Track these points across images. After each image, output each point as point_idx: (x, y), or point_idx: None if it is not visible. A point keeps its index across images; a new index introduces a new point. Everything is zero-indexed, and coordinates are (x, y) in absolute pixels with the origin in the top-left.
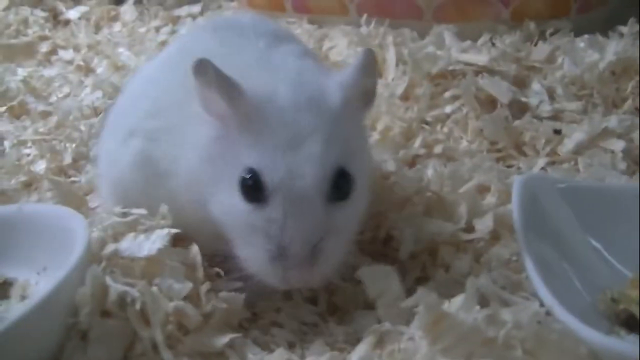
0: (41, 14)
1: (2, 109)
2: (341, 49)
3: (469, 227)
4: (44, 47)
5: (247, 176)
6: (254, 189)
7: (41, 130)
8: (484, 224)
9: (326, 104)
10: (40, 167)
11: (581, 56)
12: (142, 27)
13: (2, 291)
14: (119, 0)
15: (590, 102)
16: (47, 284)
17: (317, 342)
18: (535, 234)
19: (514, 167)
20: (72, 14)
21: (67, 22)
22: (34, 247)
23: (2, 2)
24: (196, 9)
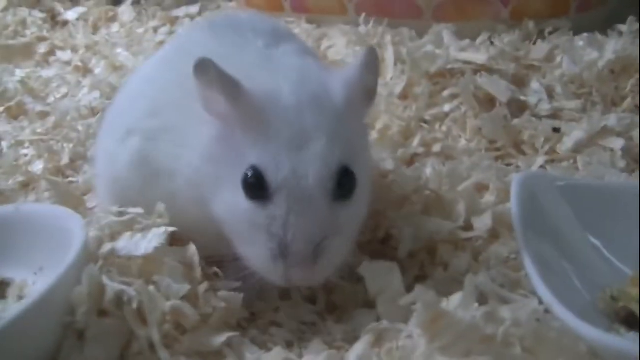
0: (39, 15)
1: (0, 110)
2: (340, 48)
3: (468, 226)
4: (42, 48)
5: (251, 174)
6: (257, 186)
7: (39, 130)
8: (483, 223)
9: (330, 103)
10: (37, 167)
11: (580, 55)
12: (140, 27)
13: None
14: (116, 1)
15: (589, 101)
16: (44, 284)
17: (315, 341)
18: (534, 232)
19: (513, 165)
20: (70, 15)
21: (65, 23)
22: (32, 247)
23: (0, 3)
24: (194, 9)
